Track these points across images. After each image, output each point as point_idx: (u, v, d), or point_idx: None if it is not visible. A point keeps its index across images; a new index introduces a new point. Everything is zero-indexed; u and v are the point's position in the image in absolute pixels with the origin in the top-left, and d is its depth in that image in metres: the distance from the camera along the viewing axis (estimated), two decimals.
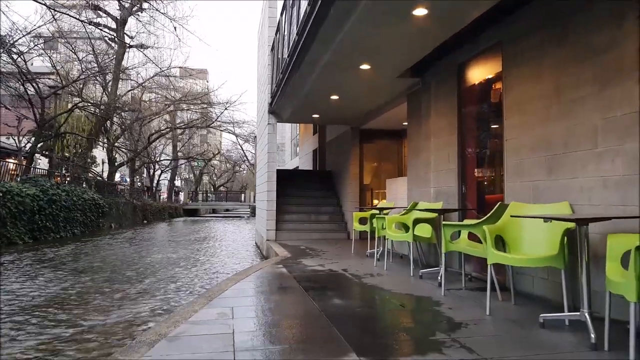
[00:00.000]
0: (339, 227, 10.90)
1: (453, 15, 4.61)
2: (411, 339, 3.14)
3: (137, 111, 23.25)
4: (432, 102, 6.41)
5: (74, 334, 4.45)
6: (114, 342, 4.19)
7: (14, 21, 34.08)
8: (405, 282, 5.09)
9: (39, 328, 4.65)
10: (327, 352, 2.80)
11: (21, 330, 4.57)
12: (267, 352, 2.82)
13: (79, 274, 8.05)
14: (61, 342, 4.20)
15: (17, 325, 4.72)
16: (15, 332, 4.48)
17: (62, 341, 4.22)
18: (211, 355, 2.70)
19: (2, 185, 13.31)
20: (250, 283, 5.22)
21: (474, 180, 5.62)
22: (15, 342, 4.19)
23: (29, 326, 4.71)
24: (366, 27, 4.91)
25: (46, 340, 4.25)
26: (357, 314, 3.88)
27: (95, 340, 4.27)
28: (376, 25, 4.88)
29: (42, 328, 4.65)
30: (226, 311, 3.85)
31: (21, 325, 4.72)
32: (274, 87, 9.86)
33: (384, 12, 4.52)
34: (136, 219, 25.38)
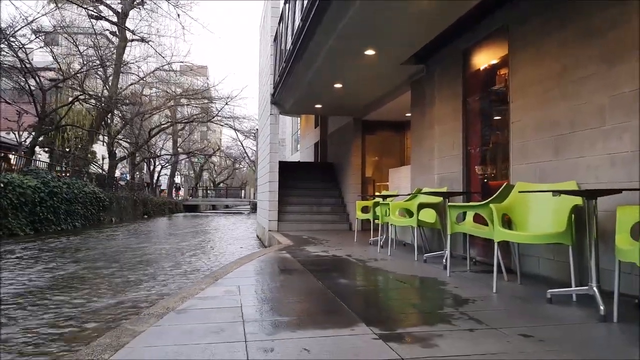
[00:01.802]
0: (341, 218, 10.90)
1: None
2: (419, 312, 3.14)
3: (138, 105, 23.21)
4: (436, 90, 6.41)
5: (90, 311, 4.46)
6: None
7: (14, 13, 33.95)
8: (409, 266, 5.09)
9: (56, 308, 4.65)
10: (336, 322, 2.80)
11: (33, 309, 4.58)
12: (275, 322, 2.83)
13: (93, 261, 8.05)
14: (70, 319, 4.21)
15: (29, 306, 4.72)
16: (27, 312, 4.49)
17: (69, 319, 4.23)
18: (220, 326, 2.71)
19: (3, 177, 13.29)
20: (255, 266, 5.23)
21: (478, 165, 5.62)
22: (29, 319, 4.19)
23: (42, 306, 4.71)
24: (372, 9, 4.90)
25: (56, 317, 4.26)
26: (363, 292, 3.89)
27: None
28: (381, 9, 4.88)
29: (58, 308, 4.65)
30: (233, 289, 3.85)
31: (33, 307, 4.73)
32: (276, 78, 9.85)
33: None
34: (136, 213, 25.37)
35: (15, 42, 16.40)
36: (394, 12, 4.96)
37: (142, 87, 24.93)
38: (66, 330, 3.91)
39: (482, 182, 5.54)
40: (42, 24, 17.62)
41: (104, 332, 3.76)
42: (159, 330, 2.64)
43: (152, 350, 2.29)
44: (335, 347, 2.33)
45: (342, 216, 10.97)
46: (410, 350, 2.24)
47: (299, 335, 2.52)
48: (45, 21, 18.22)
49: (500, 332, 2.54)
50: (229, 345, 2.35)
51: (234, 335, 2.51)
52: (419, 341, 2.39)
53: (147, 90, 25.67)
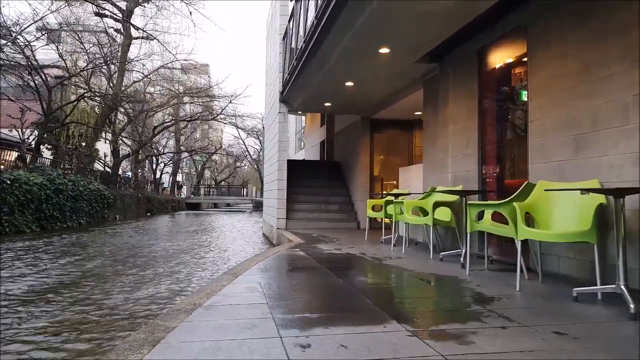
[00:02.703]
0: (349, 217, 10.91)
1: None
2: (447, 310, 3.15)
3: (142, 102, 23.21)
4: (450, 88, 6.41)
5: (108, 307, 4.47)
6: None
7: (20, 10, 33.94)
8: (426, 264, 5.10)
9: (70, 305, 4.66)
10: (366, 319, 2.81)
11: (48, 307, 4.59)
12: (305, 318, 2.83)
13: (108, 258, 8.06)
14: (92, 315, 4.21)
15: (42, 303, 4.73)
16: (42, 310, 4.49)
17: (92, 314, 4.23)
18: (252, 322, 2.71)
19: (10, 174, 13.30)
20: (271, 263, 5.23)
21: (494, 164, 5.62)
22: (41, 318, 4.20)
23: (55, 304, 4.72)
24: (389, 8, 4.90)
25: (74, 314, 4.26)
26: (386, 289, 3.90)
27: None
28: (398, 7, 4.88)
29: (72, 305, 4.66)
30: (254, 285, 3.86)
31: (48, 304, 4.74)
32: (286, 76, 9.85)
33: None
34: (140, 211, 25.39)
35: (20, 39, 16.41)
36: (411, 10, 4.96)
37: (146, 85, 24.90)
38: (89, 325, 3.91)
39: (497, 181, 5.55)
40: (46, 21, 17.56)
41: (126, 326, 3.79)
42: (191, 326, 2.65)
43: (189, 345, 2.30)
44: (372, 344, 2.33)
45: (350, 215, 10.97)
46: (448, 347, 2.25)
47: (332, 332, 2.52)
48: (50, 19, 18.14)
49: (533, 330, 2.55)
50: (265, 341, 2.35)
51: (267, 331, 2.52)
52: (454, 338, 2.39)
53: (151, 88, 25.65)
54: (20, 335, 3.65)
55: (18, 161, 15.95)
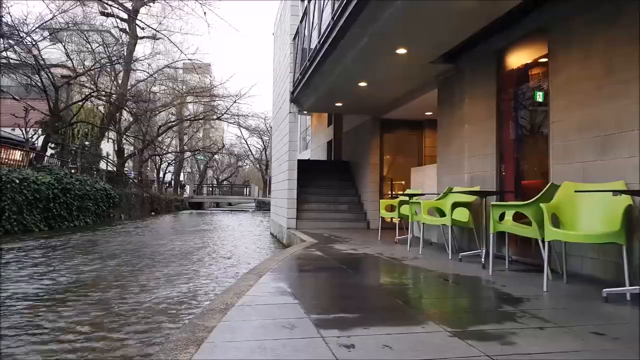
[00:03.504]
0: (358, 217, 10.92)
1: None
2: (480, 311, 3.17)
3: (148, 101, 23.24)
4: (466, 89, 6.42)
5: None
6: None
7: (27, 10, 33.94)
8: (446, 264, 5.11)
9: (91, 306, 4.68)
10: (402, 319, 2.83)
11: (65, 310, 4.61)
12: (342, 319, 2.85)
13: (125, 258, 8.09)
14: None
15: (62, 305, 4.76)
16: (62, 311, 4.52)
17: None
18: (290, 322, 2.72)
19: (19, 173, 13.33)
20: (292, 262, 5.25)
21: (512, 165, 5.64)
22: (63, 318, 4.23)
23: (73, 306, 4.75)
24: (411, 8, 4.92)
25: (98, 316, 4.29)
26: (413, 289, 3.92)
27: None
28: (420, 8, 4.89)
29: (91, 305, 4.69)
30: (280, 285, 3.88)
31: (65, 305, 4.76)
32: (297, 76, 9.86)
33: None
34: (145, 210, 25.44)
35: (27, 38, 16.43)
36: (433, 11, 4.98)
37: (151, 84, 24.93)
38: (118, 325, 3.94)
39: (516, 182, 5.56)
40: (55, 21, 17.58)
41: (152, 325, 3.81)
42: (230, 326, 2.66)
43: (235, 345, 2.32)
44: (416, 344, 2.34)
45: (360, 215, 10.99)
46: (492, 348, 2.26)
47: (372, 332, 2.54)
48: (57, 18, 18.14)
49: (572, 330, 2.56)
50: (307, 341, 2.37)
51: (308, 331, 2.53)
52: (495, 339, 2.41)
53: (155, 88, 25.67)
54: (58, 334, 3.67)
55: (28, 160, 15.97)
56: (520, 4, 4.68)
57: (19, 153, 18.50)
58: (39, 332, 3.75)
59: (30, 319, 4.11)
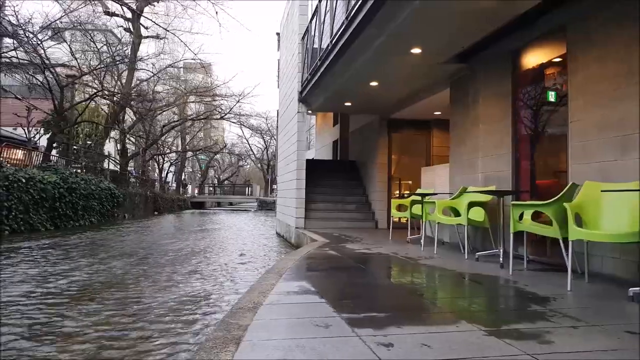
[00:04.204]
0: (366, 217, 10.93)
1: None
2: (509, 310, 3.17)
3: (152, 101, 23.25)
4: (480, 89, 6.43)
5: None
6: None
7: (32, 9, 33.87)
8: (464, 264, 5.12)
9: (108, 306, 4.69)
10: (434, 319, 2.84)
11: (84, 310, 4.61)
12: (374, 318, 2.85)
13: (139, 257, 8.10)
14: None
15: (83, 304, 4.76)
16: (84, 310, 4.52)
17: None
18: (323, 320, 2.72)
19: (25, 172, 13.33)
20: (308, 261, 5.26)
21: (527, 165, 5.65)
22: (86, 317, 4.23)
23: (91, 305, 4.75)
24: (429, 9, 4.93)
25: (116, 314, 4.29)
26: (436, 288, 3.93)
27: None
28: (439, 8, 4.90)
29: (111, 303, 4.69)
30: (303, 284, 3.89)
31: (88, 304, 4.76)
32: (306, 76, 9.86)
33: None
34: (148, 210, 25.46)
35: (32, 38, 16.41)
36: (451, 11, 4.98)
37: (154, 84, 24.93)
38: (139, 324, 3.94)
39: (532, 181, 5.57)
40: (60, 20, 17.58)
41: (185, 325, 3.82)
42: (264, 324, 2.67)
43: (273, 344, 2.32)
44: (453, 343, 2.35)
45: (368, 214, 10.99)
46: (531, 346, 2.26)
47: (407, 331, 2.55)
48: (59, 17, 18.15)
49: (605, 329, 2.57)
50: (345, 340, 2.37)
51: (343, 330, 2.54)
52: (531, 338, 2.41)
53: (160, 87, 25.67)
54: (84, 333, 3.68)
55: (34, 160, 15.99)
56: (539, 4, 4.69)
57: (21, 152, 18.58)
58: (79, 325, 3.76)
59: (69, 314, 4.11)
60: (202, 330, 3.77)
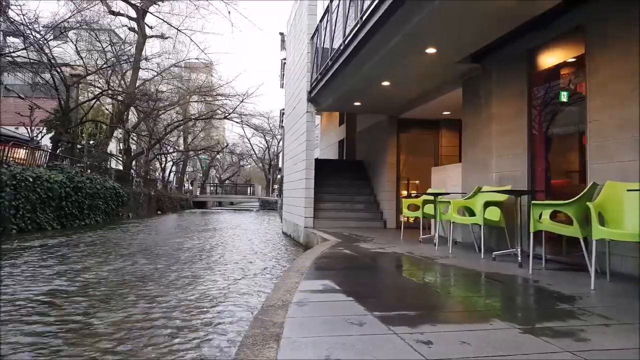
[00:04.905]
0: (375, 216, 10.95)
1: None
2: (538, 309, 3.19)
3: (157, 100, 23.28)
4: (494, 88, 6.45)
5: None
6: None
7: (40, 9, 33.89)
8: (481, 263, 5.14)
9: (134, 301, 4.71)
10: (467, 317, 2.86)
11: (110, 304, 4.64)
12: (406, 316, 2.87)
13: (148, 257, 8.12)
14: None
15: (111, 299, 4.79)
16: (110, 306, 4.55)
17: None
18: (358, 319, 2.74)
19: (32, 171, 13.35)
20: (326, 261, 5.27)
21: (542, 164, 5.67)
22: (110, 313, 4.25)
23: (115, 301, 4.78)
24: (447, 9, 4.95)
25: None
26: (459, 287, 3.94)
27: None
28: (456, 8, 4.92)
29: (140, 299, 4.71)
30: (327, 283, 3.90)
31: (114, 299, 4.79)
32: (316, 75, 9.88)
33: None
34: (151, 209, 25.49)
35: (37, 37, 16.42)
36: (470, 11, 5.00)
37: (159, 83, 24.96)
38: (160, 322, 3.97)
39: (547, 181, 5.60)
40: (67, 20, 17.60)
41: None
42: (298, 322, 2.69)
43: (312, 341, 2.34)
44: (491, 341, 2.37)
45: (376, 214, 11.01)
46: (569, 344, 2.29)
47: (442, 329, 2.57)
48: (65, 16, 18.17)
49: (635, 328, 2.59)
50: (384, 338, 2.39)
51: (378, 328, 2.56)
52: (566, 335, 2.43)
53: (164, 86, 25.71)
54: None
55: (40, 159, 16.03)
56: (559, 3, 4.71)
57: (24, 151, 18.60)
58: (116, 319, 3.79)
59: (98, 312, 4.14)
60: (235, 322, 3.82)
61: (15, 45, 17.06)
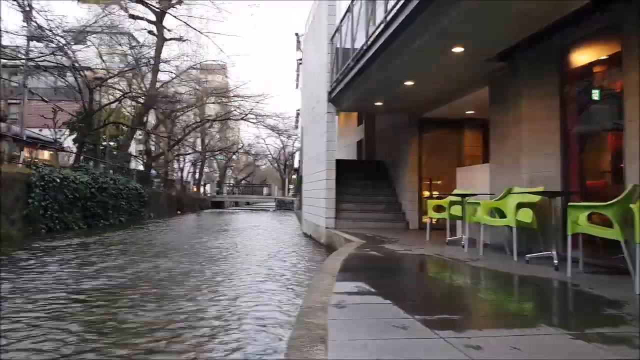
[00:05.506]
0: (397, 217, 10.87)
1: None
2: (586, 314, 3.12)
3: (176, 102, 23.55)
4: (523, 87, 6.33)
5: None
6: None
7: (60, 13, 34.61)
8: (515, 266, 5.04)
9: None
10: (511, 321, 2.80)
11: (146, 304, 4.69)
12: (449, 320, 2.83)
13: (181, 256, 8.23)
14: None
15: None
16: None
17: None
18: (401, 322, 2.71)
19: (59, 172, 13.62)
20: (354, 263, 5.25)
21: (576, 165, 5.55)
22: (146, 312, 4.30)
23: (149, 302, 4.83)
24: (476, 8, 4.88)
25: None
26: (496, 291, 3.88)
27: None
28: (485, 8, 4.85)
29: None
30: (361, 285, 3.88)
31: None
32: (336, 76, 9.86)
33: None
34: (171, 209, 25.80)
35: (62, 41, 16.74)
36: (499, 10, 4.93)
37: (177, 85, 25.23)
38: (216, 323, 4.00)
39: (581, 182, 5.48)
40: (90, 24, 17.94)
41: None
42: (341, 324, 2.68)
43: (360, 344, 2.33)
44: (542, 347, 2.32)
45: (398, 215, 10.93)
46: (627, 352, 2.23)
47: (488, 334, 2.53)
48: (84, 21, 18.52)
49: None
50: (431, 342, 2.36)
51: (423, 332, 2.53)
52: (622, 342, 2.37)
53: (182, 88, 25.95)
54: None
55: (68, 160, 16.39)
56: (590, 2, 4.61)
57: (47, 153, 19.04)
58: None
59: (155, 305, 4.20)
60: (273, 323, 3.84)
61: (39, 49, 17.45)
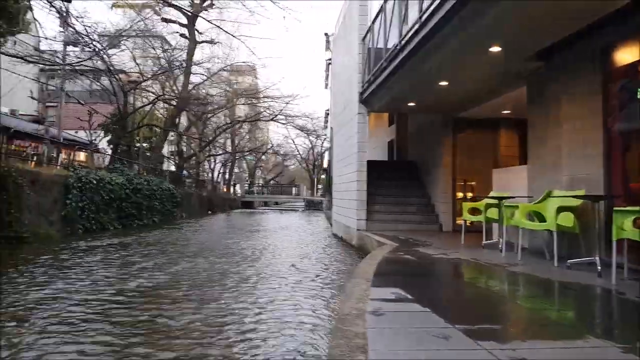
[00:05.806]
0: (429, 219, 10.70)
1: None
2: (633, 324, 2.98)
3: (208, 104, 24.00)
4: (563, 87, 6.11)
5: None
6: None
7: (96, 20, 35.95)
8: (555, 272, 4.87)
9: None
10: (555, 332, 2.70)
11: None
12: (492, 330, 2.76)
13: (218, 256, 8.41)
14: None
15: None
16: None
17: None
18: (440, 332, 2.66)
19: (95, 174, 14.11)
20: (388, 267, 5.19)
21: (619, 167, 5.32)
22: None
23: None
24: (515, 8, 4.75)
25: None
26: (539, 299, 3.76)
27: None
28: (525, 8, 4.71)
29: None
30: (397, 291, 3.83)
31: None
32: (368, 77, 9.79)
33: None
34: (202, 209, 26.32)
35: (98, 46, 17.32)
36: (538, 10, 4.77)
37: (209, 87, 25.71)
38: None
39: (625, 185, 5.24)
40: (124, 28, 18.51)
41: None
42: (380, 333, 2.65)
43: (403, 354, 2.32)
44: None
45: (431, 217, 10.76)
46: None
47: (532, 346, 2.45)
48: (119, 25, 19.10)
49: None
50: (475, 353, 2.30)
51: (466, 343, 2.47)
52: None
53: (213, 90, 26.43)
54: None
55: (104, 161, 16.99)
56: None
57: (83, 154, 19.75)
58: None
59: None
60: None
61: (76, 54, 18.12)
